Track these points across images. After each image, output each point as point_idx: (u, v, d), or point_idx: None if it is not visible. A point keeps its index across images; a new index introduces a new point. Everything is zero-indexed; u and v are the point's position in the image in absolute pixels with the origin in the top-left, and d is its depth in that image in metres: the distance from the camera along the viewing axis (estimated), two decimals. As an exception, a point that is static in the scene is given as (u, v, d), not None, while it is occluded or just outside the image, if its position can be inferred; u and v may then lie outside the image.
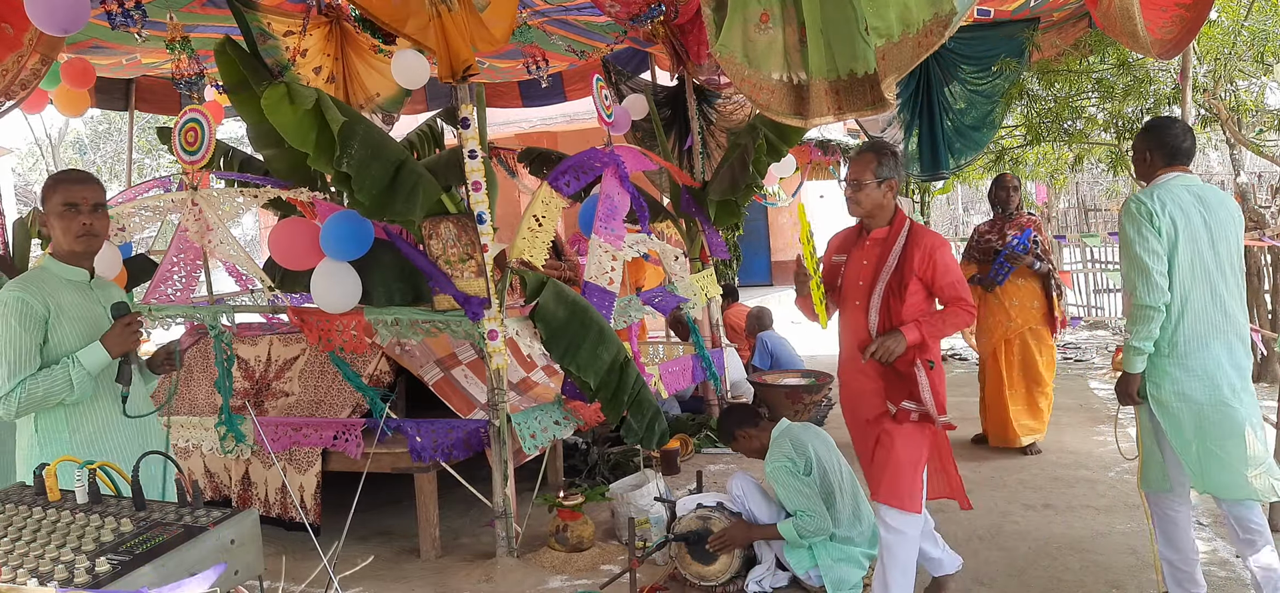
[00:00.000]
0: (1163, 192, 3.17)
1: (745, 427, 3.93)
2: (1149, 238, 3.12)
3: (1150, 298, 3.12)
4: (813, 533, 3.66)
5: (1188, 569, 3.34)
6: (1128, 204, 3.23)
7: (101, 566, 1.54)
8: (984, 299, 5.74)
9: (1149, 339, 3.17)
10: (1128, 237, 3.18)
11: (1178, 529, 3.34)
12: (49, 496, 1.97)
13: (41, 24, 3.93)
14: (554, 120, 13.79)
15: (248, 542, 1.75)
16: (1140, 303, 3.15)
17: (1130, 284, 3.19)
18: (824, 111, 3.31)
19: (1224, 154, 10.92)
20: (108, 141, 28.16)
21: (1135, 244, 3.15)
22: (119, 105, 7.74)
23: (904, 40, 3.02)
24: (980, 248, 5.79)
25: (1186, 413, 3.17)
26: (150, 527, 1.74)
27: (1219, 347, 3.18)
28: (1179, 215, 3.13)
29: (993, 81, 7.22)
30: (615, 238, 5.01)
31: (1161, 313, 3.14)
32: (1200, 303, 3.15)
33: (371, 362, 5.01)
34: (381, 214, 4.23)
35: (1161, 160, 3.26)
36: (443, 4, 4.02)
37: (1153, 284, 3.11)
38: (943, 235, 3.34)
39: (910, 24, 3.00)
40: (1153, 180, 3.27)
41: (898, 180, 3.39)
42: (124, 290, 3.11)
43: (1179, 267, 3.13)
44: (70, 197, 2.68)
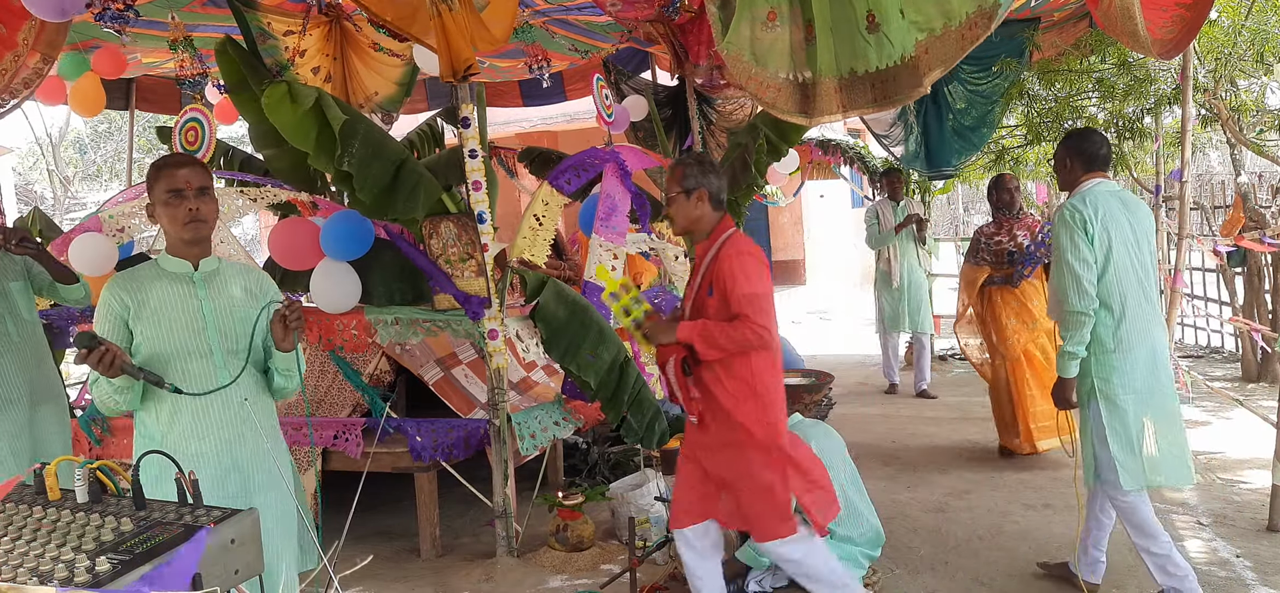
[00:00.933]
0: (1092, 199, 3.37)
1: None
2: (1081, 246, 3.32)
3: (1082, 304, 3.31)
4: None
5: (1168, 553, 3.39)
6: (1062, 212, 3.40)
7: (101, 565, 1.54)
8: (1005, 300, 5.57)
9: (1082, 343, 3.36)
10: (1062, 244, 3.36)
11: (1140, 514, 3.41)
12: (49, 495, 1.97)
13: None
14: (554, 120, 13.78)
15: (248, 542, 1.75)
16: (1072, 310, 3.33)
17: (1062, 291, 3.36)
18: (831, 109, 3.30)
19: (1224, 154, 10.91)
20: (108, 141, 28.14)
21: (1068, 252, 3.33)
22: (119, 105, 7.73)
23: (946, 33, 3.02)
24: (991, 251, 5.67)
25: (1132, 406, 3.36)
26: (150, 526, 1.74)
27: (1153, 336, 3.40)
28: (1110, 221, 3.33)
29: (993, 82, 7.21)
30: (616, 236, 5.01)
31: (1092, 318, 3.33)
32: (1135, 301, 3.36)
33: (371, 361, 5.00)
34: (382, 213, 4.23)
35: (1082, 167, 3.47)
36: (443, 4, 4.02)
37: (1083, 291, 3.30)
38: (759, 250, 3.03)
39: (951, 17, 3.00)
40: (1075, 187, 3.49)
41: (710, 188, 3.09)
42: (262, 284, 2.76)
43: (1116, 268, 3.33)
44: (174, 183, 2.47)
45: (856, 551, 3.75)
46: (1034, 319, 5.46)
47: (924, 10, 3.05)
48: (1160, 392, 3.40)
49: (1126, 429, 3.35)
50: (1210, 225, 9.11)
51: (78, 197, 25.36)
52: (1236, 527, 4.27)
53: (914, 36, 3.10)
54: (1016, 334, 5.51)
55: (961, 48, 3.00)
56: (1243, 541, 4.10)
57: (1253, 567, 3.83)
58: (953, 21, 3.01)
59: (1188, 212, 6.29)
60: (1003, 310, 5.57)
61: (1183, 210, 6.31)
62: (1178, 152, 6.34)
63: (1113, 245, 3.33)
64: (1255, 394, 6.78)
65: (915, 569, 4.05)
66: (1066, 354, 3.39)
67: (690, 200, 3.10)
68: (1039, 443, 5.43)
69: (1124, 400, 3.36)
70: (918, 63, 3.12)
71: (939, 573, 4.00)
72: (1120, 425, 3.36)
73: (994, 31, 3.03)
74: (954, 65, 3.08)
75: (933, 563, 4.10)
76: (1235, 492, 4.75)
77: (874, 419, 6.91)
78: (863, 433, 6.43)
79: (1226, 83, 6.28)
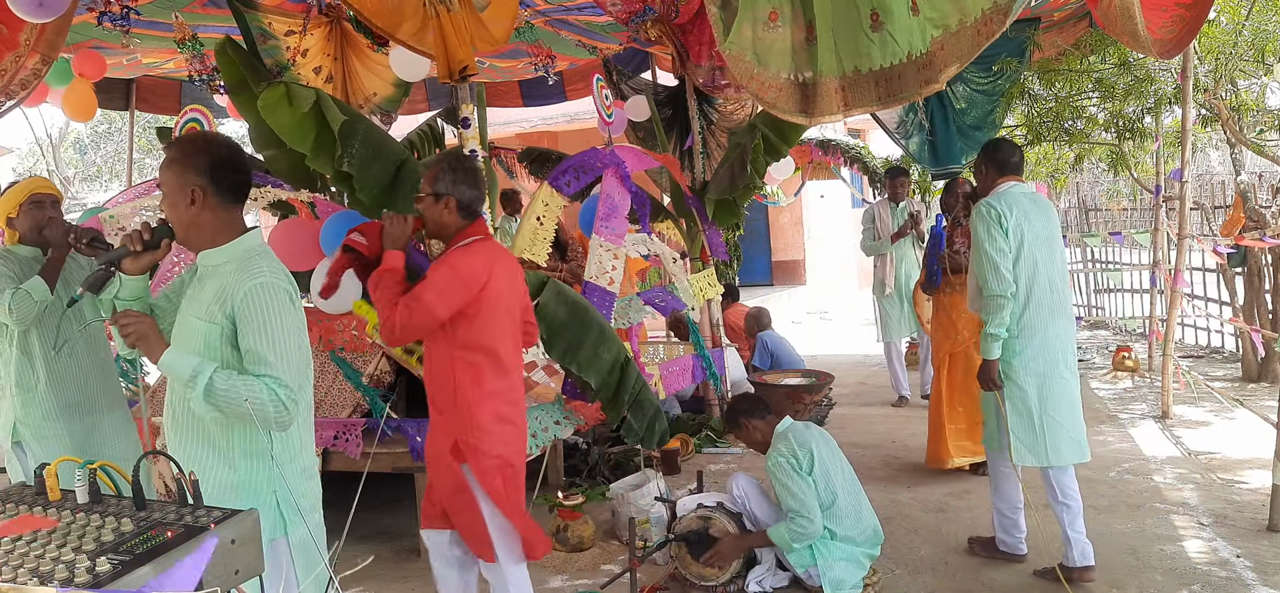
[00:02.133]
0: (1006, 198, 3.74)
1: (753, 417, 3.93)
2: (997, 237, 3.67)
3: (1000, 288, 3.64)
4: (804, 537, 3.66)
5: (1013, 517, 4.01)
6: (979, 209, 3.77)
7: (102, 565, 1.54)
8: (936, 304, 5.37)
9: (1003, 325, 3.67)
10: (980, 236, 3.71)
11: (1007, 483, 3.97)
12: (49, 495, 1.97)
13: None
14: (554, 120, 13.77)
15: (248, 542, 1.75)
16: (992, 294, 3.66)
17: (982, 278, 3.70)
18: (832, 109, 3.30)
19: (1224, 154, 10.92)
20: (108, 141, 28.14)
21: (986, 243, 3.68)
22: (119, 105, 7.74)
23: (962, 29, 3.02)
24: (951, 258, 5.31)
25: (1032, 389, 3.70)
26: (150, 527, 1.74)
27: (1058, 326, 3.75)
28: (1022, 217, 3.69)
29: (994, 81, 7.21)
30: (616, 237, 5.01)
31: (1010, 301, 3.65)
32: (1041, 291, 3.70)
33: (371, 362, 5.00)
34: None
35: (996, 172, 3.87)
36: (441, 4, 4.02)
37: (1001, 277, 3.64)
38: (478, 263, 2.96)
39: (967, 13, 3.00)
40: (992, 189, 3.85)
41: (460, 197, 3.00)
42: None
43: (1025, 261, 3.68)
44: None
45: (857, 551, 3.76)
46: (956, 330, 5.13)
47: (939, 7, 3.05)
48: (1059, 376, 3.73)
49: (1027, 409, 3.70)
50: (1210, 225, 9.11)
51: (78, 197, 25.35)
52: (1236, 527, 4.27)
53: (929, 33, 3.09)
54: (938, 344, 5.32)
55: (977, 44, 3.00)
56: (1243, 541, 4.10)
57: (1253, 567, 3.83)
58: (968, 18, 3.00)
59: (1188, 212, 6.29)
60: (934, 316, 5.44)
61: (1183, 210, 6.32)
62: (1178, 151, 6.35)
63: (1024, 239, 3.68)
64: (1255, 394, 6.78)
65: (915, 569, 4.05)
66: (990, 336, 3.69)
67: (438, 205, 3.01)
68: (953, 459, 5.14)
69: (1024, 382, 3.70)
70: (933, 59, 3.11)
71: (939, 573, 4.00)
72: (1021, 405, 3.70)
73: (995, 30, 3.03)
74: (970, 61, 3.08)
75: (933, 563, 4.10)
76: (1235, 492, 4.75)
77: (874, 419, 6.91)
78: (863, 433, 6.43)
79: (1226, 83, 6.28)
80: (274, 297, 2.25)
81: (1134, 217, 12.02)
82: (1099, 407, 6.80)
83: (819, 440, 3.80)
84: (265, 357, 2.21)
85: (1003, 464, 3.94)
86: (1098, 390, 7.39)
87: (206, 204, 2.30)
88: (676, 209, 6.51)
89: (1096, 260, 11.55)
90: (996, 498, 4.04)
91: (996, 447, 3.93)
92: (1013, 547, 4.04)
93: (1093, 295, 11.71)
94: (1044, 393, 3.71)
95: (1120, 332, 10.40)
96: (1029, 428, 3.71)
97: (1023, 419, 3.71)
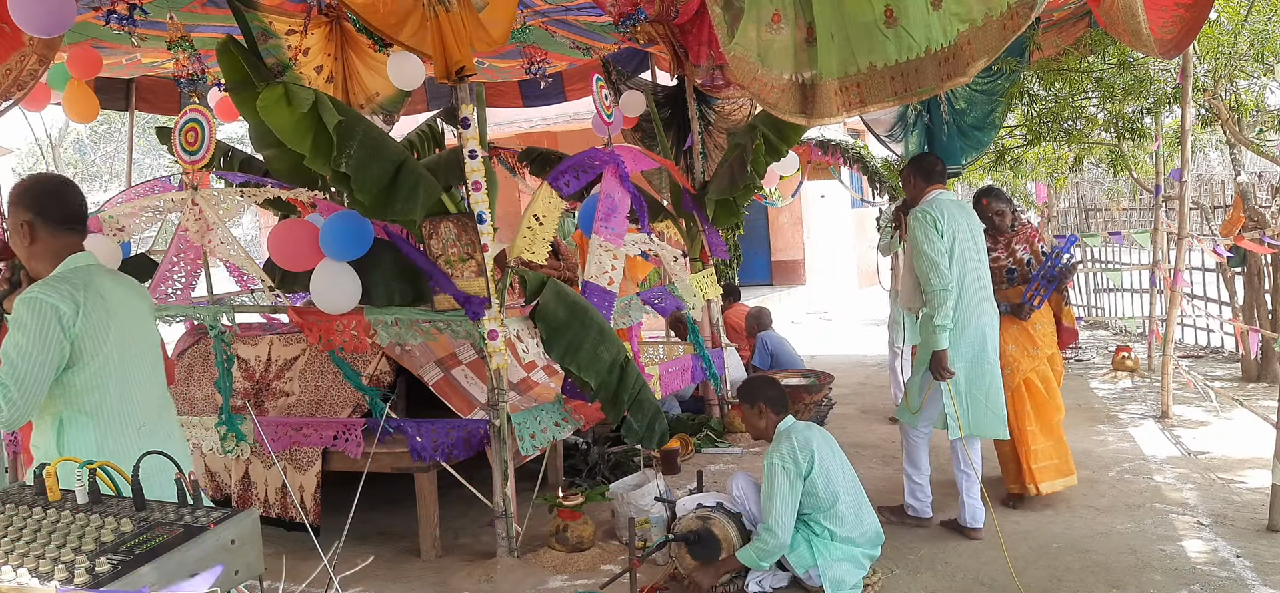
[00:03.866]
0: (936, 205, 4.21)
1: (769, 405, 3.90)
2: (934, 239, 4.11)
3: (942, 283, 4.07)
4: (769, 555, 3.68)
5: (923, 483, 4.47)
6: (915, 214, 4.22)
7: (101, 566, 1.54)
8: (1005, 323, 4.65)
9: (949, 317, 4.09)
10: (918, 239, 4.14)
11: (920, 453, 4.44)
12: (49, 495, 1.97)
13: (25, 25, 3.90)
14: (554, 120, 13.78)
15: (248, 542, 1.75)
16: (936, 289, 4.08)
17: (924, 277, 4.11)
18: (832, 111, 3.30)
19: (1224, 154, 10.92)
20: (108, 141, 28.16)
21: (924, 245, 4.11)
22: (119, 105, 7.73)
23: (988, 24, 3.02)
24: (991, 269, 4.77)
25: (961, 372, 4.22)
26: (150, 527, 1.73)
27: (984, 317, 4.28)
28: (952, 222, 4.17)
29: (994, 81, 7.20)
30: (615, 237, 5.01)
31: (951, 293, 4.08)
32: (970, 286, 4.21)
33: (371, 362, 5.00)
34: (381, 214, 4.23)
35: (924, 182, 4.36)
36: (440, 4, 4.02)
37: (942, 272, 4.07)
38: None
39: (992, 7, 3.00)
40: (922, 197, 4.32)
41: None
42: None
43: (956, 260, 4.14)
44: None
45: (857, 551, 3.76)
46: (1035, 345, 4.76)
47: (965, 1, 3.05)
48: (986, 362, 4.28)
49: (959, 389, 4.23)
50: (1210, 225, 9.12)
51: (77, 197, 25.33)
52: (1236, 527, 4.27)
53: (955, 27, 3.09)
54: (1016, 361, 4.74)
55: (1004, 38, 3.00)
56: (1243, 541, 4.10)
57: (1253, 567, 3.83)
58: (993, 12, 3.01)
59: (1188, 211, 6.29)
60: (1004, 336, 4.72)
61: (1182, 210, 6.32)
62: (1177, 151, 6.35)
63: (955, 240, 4.15)
64: (1255, 394, 6.78)
65: (915, 569, 4.05)
66: (938, 328, 4.10)
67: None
68: (1042, 484, 4.69)
69: (955, 365, 4.19)
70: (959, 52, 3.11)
71: (939, 573, 4.00)
72: (952, 386, 4.21)
73: (994, 30, 3.03)
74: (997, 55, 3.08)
75: (933, 563, 4.10)
76: (1235, 492, 4.75)
77: (875, 419, 6.91)
78: (864, 433, 6.43)
79: (1226, 82, 6.28)
80: (26, 304, 2.42)
81: (1134, 217, 12.02)
82: (1099, 407, 6.80)
83: (820, 441, 3.80)
84: (8, 354, 2.40)
85: (917, 436, 4.43)
86: (1098, 391, 7.39)
87: (39, 237, 2.54)
88: (676, 209, 6.51)
89: (1096, 260, 11.55)
90: (909, 467, 4.48)
91: (912, 422, 4.40)
92: (920, 511, 4.49)
93: (1092, 295, 11.71)
94: (971, 375, 4.25)
95: (1120, 332, 10.40)
96: (960, 405, 4.24)
97: (958, 400, 4.24)
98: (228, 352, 4.75)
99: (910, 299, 4.39)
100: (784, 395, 3.98)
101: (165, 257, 5.34)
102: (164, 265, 5.31)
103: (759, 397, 3.92)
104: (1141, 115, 6.89)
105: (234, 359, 5.05)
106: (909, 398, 4.43)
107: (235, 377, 5.19)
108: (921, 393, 4.34)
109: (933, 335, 4.13)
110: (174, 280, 5.34)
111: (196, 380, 5.43)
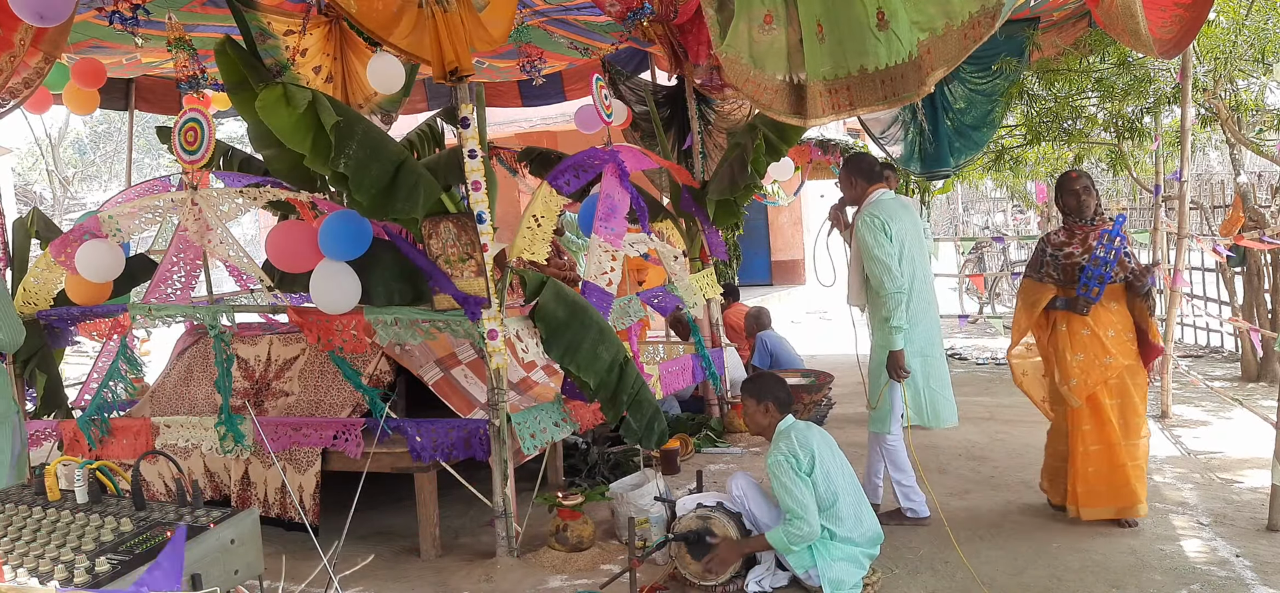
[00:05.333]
0: (882, 207, 4.27)
1: (773, 403, 3.89)
2: (883, 243, 4.16)
3: (894, 285, 4.15)
4: (802, 540, 3.66)
5: (912, 485, 4.47)
6: (863, 217, 4.26)
7: (101, 565, 1.54)
8: (1070, 328, 4.32)
9: (903, 318, 4.18)
10: (868, 243, 4.19)
11: (899, 455, 4.44)
12: (49, 496, 1.97)
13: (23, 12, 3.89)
14: (554, 120, 13.77)
15: (248, 542, 1.75)
16: (889, 291, 4.15)
17: (877, 280, 4.18)
18: (822, 112, 3.31)
19: (1224, 154, 10.91)
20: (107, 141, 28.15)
21: (875, 249, 4.17)
22: (119, 105, 7.73)
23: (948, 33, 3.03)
24: (1062, 265, 4.34)
25: (918, 365, 4.33)
26: (150, 527, 1.74)
27: (932, 314, 4.41)
28: (898, 222, 4.23)
29: (993, 81, 7.21)
30: (615, 237, 5.01)
31: (904, 294, 4.17)
32: (919, 284, 4.30)
33: (371, 361, 5.00)
34: (381, 214, 4.23)
35: (865, 182, 4.38)
36: (437, 4, 4.01)
37: (894, 275, 4.15)
38: None
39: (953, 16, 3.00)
40: (865, 198, 4.36)
41: None
42: None
43: (906, 259, 4.20)
44: None
45: (856, 551, 3.76)
46: (1107, 353, 4.25)
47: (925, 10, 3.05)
48: (935, 355, 4.42)
49: (914, 381, 4.34)
50: (1210, 225, 9.11)
51: (77, 197, 25.35)
52: (1236, 527, 4.27)
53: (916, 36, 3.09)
54: (1084, 372, 4.28)
55: (964, 48, 3.01)
56: (1243, 541, 4.10)
57: (1253, 567, 3.83)
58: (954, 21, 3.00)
59: (1188, 211, 6.29)
60: (1068, 342, 4.34)
61: (1182, 210, 6.32)
62: (1177, 151, 6.35)
63: (904, 239, 4.22)
64: (1255, 394, 6.78)
65: (915, 569, 4.05)
66: (894, 329, 4.19)
67: None
68: (1084, 510, 4.31)
69: (911, 361, 4.28)
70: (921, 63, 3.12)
71: (939, 573, 4.00)
72: (909, 381, 4.31)
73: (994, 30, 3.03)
74: (956, 65, 3.08)
75: (933, 563, 4.10)
76: (1235, 492, 4.75)
77: (874, 419, 6.90)
78: (864, 433, 6.40)
79: (1226, 82, 6.28)
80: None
81: (1134, 217, 12.00)
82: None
83: (819, 441, 3.80)
84: None
85: (893, 440, 4.44)
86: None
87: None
88: (676, 210, 6.51)
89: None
90: (895, 472, 4.47)
91: (886, 429, 4.40)
92: (918, 511, 4.48)
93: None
94: (927, 369, 4.37)
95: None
96: (916, 398, 4.37)
97: (911, 392, 4.35)
98: (227, 352, 4.75)
99: (856, 296, 4.48)
100: (790, 398, 3.98)
101: (165, 257, 5.34)
102: (164, 265, 5.32)
103: (768, 394, 3.91)
104: (1141, 115, 6.88)
105: (233, 359, 5.05)
106: (881, 406, 4.40)
107: (235, 377, 5.19)
108: (884, 397, 4.36)
109: (889, 337, 4.22)
110: (174, 280, 5.34)
111: (196, 380, 5.43)
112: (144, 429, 5.03)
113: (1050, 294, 4.38)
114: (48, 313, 5.29)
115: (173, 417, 5.05)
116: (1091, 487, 4.28)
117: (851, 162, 4.47)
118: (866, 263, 4.24)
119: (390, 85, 5.00)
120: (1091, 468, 4.28)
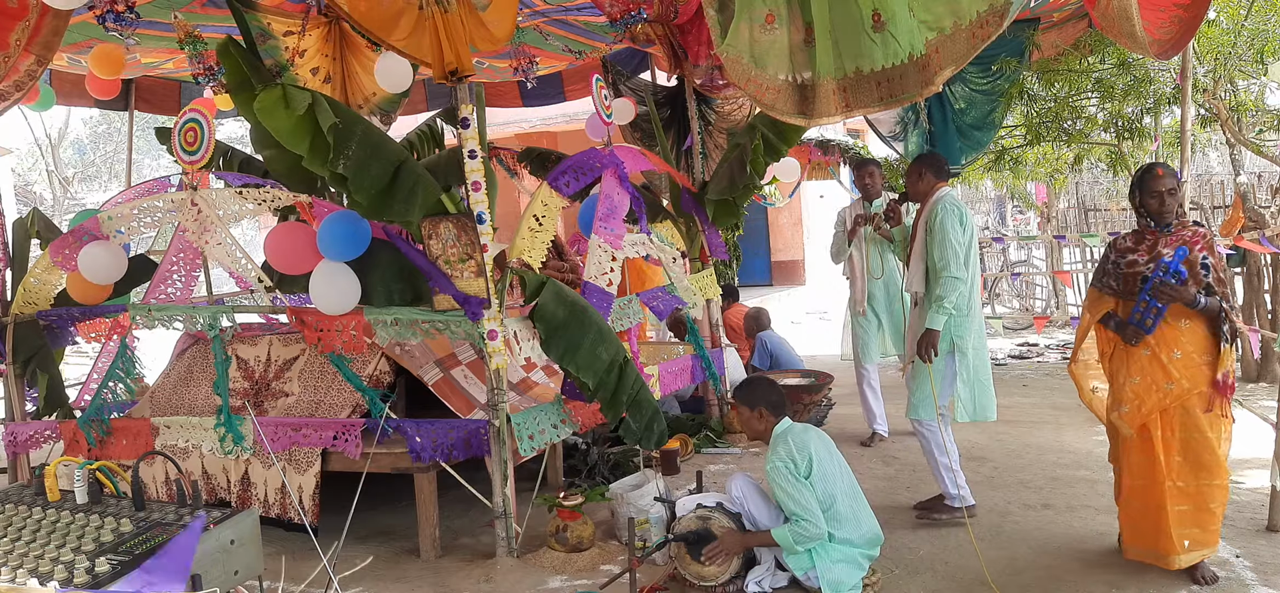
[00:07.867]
0: (958, 200, 4.49)
1: (768, 408, 3.89)
2: (959, 230, 4.38)
3: (960, 273, 4.32)
4: (808, 539, 3.66)
5: (957, 469, 4.51)
6: (945, 206, 4.43)
7: (101, 566, 1.54)
8: (1128, 352, 3.81)
9: (955, 304, 4.34)
10: (946, 228, 4.37)
11: (947, 437, 4.49)
12: (49, 496, 1.97)
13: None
14: (554, 120, 13.78)
15: (248, 542, 1.76)
16: (953, 276, 4.32)
17: (944, 263, 4.34)
18: (830, 111, 3.31)
19: (1224, 154, 10.92)
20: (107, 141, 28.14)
21: (952, 235, 4.36)
22: (119, 105, 7.74)
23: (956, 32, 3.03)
24: (1123, 274, 3.82)
25: (975, 355, 4.46)
26: (150, 527, 1.74)
27: (981, 311, 4.57)
28: (969, 216, 4.47)
29: (993, 81, 7.21)
30: (615, 238, 5.01)
31: (966, 284, 4.35)
32: (974, 277, 4.47)
33: (371, 362, 5.01)
34: (380, 214, 4.23)
35: (934, 177, 4.54)
36: (437, 5, 4.01)
37: (961, 263, 4.34)
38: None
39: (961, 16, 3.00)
40: (932, 193, 4.51)
41: None
42: None
43: (973, 252, 4.42)
44: None
45: (855, 552, 3.76)
46: (1169, 379, 3.68)
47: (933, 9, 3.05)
48: (984, 349, 4.55)
49: (974, 373, 4.44)
50: (1209, 225, 9.11)
51: (77, 197, 25.35)
52: (1236, 527, 4.27)
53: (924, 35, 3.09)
54: (1138, 398, 3.76)
55: (972, 47, 3.01)
56: (1243, 541, 4.10)
57: (1253, 567, 3.83)
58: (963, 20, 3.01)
59: (1188, 212, 6.29)
60: (1124, 362, 3.84)
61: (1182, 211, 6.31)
62: (1177, 151, 6.35)
63: (972, 235, 4.44)
64: (1255, 394, 6.78)
65: (915, 569, 4.05)
66: (943, 311, 4.32)
67: None
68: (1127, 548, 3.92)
69: (971, 352, 4.43)
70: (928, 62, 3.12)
71: (939, 573, 4.00)
72: (969, 371, 4.43)
73: (995, 31, 3.03)
74: (965, 64, 3.09)
75: (933, 563, 4.10)
76: (1235, 492, 4.74)
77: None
78: (863, 433, 6.42)
79: (1226, 82, 6.28)
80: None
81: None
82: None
83: (817, 443, 3.80)
84: None
85: (941, 427, 4.45)
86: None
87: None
88: (676, 209, 6.51)
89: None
90: (941, 456, 4.49)
91: (931, 415, 4.44)
92: (965, 497, 4.49)
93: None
94: (977, 361, 4.47)
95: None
96: (971, 391, 4.44)
97: (968, 385, 4.44)
98: (226, 352, 4.75)
99: (918, 282, 4.55)
100: (784, 399, 3.98)
101: (165, 257, 5.34)
102: (164, 266, 5.32)
103: (761, 400, 3.91)
104: (1141, 115, 6.89)
105: (232, 360, 5.05)
106: (922, 392, 4.47)
107: (235, 377, 5.19)
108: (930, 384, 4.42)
109: (935, 316, 4.33)
110: (174, 280, 5.34)
111: (196, 381, 5.43)
112: (144, 430, 5.04)
113: (1107, 307, 3.90)
114: (48, 313, 5.29)
115: (172, 417, 5.05)
116: (1134, 525, 3.84)
117: (927, 158, 4.64)
118: (939, 249, 4.37)
119: (399, 84, 5.00)
120: (1135, 504, 3.80)
